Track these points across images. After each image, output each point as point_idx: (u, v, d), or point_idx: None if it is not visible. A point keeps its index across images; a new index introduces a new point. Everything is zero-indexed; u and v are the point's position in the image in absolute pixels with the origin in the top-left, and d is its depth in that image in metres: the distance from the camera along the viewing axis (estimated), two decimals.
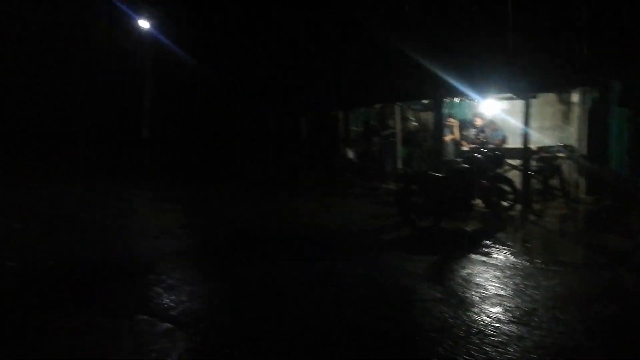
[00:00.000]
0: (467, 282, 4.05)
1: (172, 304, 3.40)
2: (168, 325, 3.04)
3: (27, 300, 3.49)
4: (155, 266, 4.35)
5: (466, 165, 6.60)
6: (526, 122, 7.42)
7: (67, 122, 14.16)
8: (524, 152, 7.47)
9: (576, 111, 8.10)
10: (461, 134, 9.59)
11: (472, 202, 6.58)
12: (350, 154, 10.59)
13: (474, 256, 4.94)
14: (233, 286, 3.95)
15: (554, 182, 7.83)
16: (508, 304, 3.50)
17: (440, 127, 9.23)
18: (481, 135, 8.95)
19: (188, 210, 8.01)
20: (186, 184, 11.23)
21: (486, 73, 7.97)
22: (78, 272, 4.26)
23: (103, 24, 14.07)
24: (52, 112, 14.10)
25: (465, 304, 3.50)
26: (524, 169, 7.42)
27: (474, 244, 5.51)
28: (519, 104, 8.03)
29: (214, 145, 12.99)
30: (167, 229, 6.10)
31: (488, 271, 4.37)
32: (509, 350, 2.74)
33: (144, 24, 12.09)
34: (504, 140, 8.78)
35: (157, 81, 12.50)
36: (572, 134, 8.16)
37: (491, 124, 9.08)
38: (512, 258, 4.88)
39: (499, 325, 3.11)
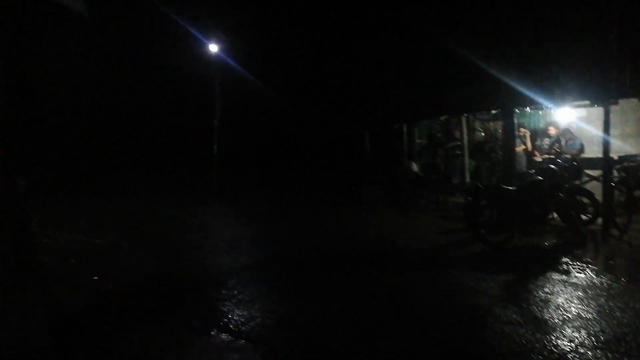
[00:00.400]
0: (546, 302, 3.84)
1: (245, 320, 3.50)
2: (242, 342, 3.13)
3: (108, 314, 3.73)
4: (227, 281, 4.50)
5: (540, 177, 6.29)
6: (606, 129, 6.95)
7: (143, 140, 15.09)
8: (605, 162, 6.99)
9: None
10: (533, 145, 9.17)
11: (548, 216, 6.24)
12: (415, 167, 10.45)
13: (552, 274, 4.67)
14: (305, 302, 4.00)
15: (639, 193, 7.25)
16: (592, 328, 3.28)
17: (510, 137, 8.88)
18: (556, 145, 8.51)
19: (256, 224, 8.23)
20: (254, 198, 11.57)
21: (561, 80, 7.58)
22: (154, 286, 4.50)
23: (176, 46, 14.90)
24: (129, 131, 15.08)
25: (544, 327, 3.32)
26: (605, 179, 6.93)
27: (551, 262, 5.21)
28: (596, 111, 7.57)
29: (280, 161, 13.31)
30: (238, 244, 6.31)
31: (568, 291, 4.12)
32: None
33: (213, 47, 12.69)
34: (581, 150, 8.29)
35: (227, 99, 13.05)
36: None
37: (566, 132, 8.61)
38: (594, 277, 4.57)
39: (583, 350, 2.92)
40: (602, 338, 3.10)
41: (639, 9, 7.05)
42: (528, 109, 9.23)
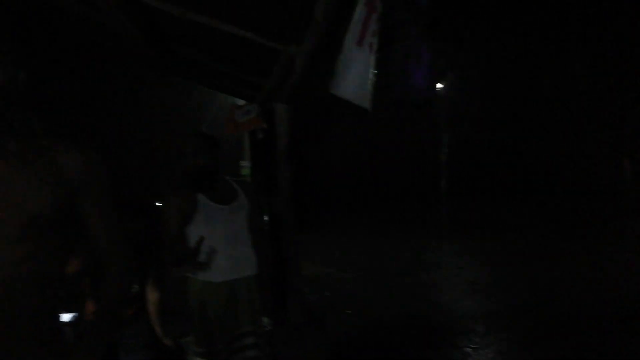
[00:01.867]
0: None
1: None
2: None
3: (366, 350, 3.93)
4: (475, 327, 4.29)
5: None
6: None
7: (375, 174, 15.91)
8: None
9: None
10: None
11: None
12: None
13: None
14: None
15: None
16: None
17: None
18: None
19: (501, 264, 7.73)
20: (488, 235, 10.96)
21: None
22: (400, 324, 4.59)
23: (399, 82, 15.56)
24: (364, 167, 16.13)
25: None
26: None
27: None
28: None
29: (516, 194, 12.38)
30: (480, 286, 6.01)
31: None
32: None
33: (439, 83, 12.82)
34: None
35: (455, 134, 12.92)
36: None
37: None
38: None
39: None
40: None
41: None
42: None
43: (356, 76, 1.59)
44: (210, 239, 2.62)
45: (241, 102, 6.79)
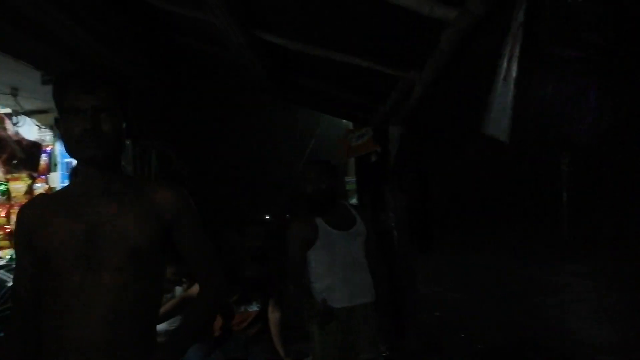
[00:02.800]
0: None
1: None
2: None
3: None
4: None
5: None
6: None
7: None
8: None
9: None
10: None
11: None
12: None
13: None
14: None
15: None
16: None
17: None
18: None
19: (625, 289, 6.92)
20: (618, 254, 9.86)
21: None
22: (520, 353, 4.28)
23: None
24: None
25: None
26: None
27: None
28: None
29: None
30: (613, 313, 5.42)
31: None
32: None
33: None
34: None
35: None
36: None
37: None
38: None
39: None
40: None
41: None
42: None
43: (499, 112, 1.55)
44: (330, 265, 2.68)
45: (344, 122, 6.92)
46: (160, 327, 1.70)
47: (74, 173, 2.03)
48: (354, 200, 6.23)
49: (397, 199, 4.04)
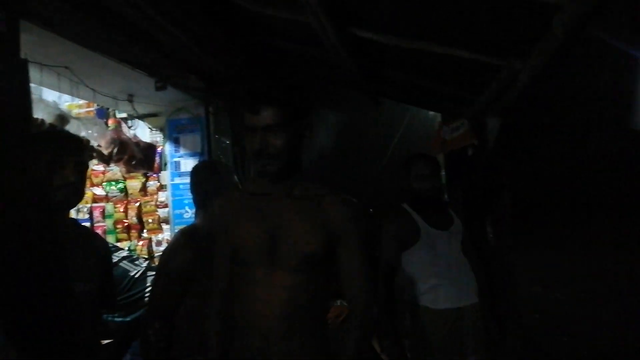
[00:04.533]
0: None
1: None
2: None
3: None
4: None
5: None
6: None
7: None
8: None
9: None
10: None
11: None
12: None
13: None
14: None
15: None
16: None
17: None
18: None
19: None
20: None
21: None
22: None
23: None
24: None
25: None
26: None
27: None
28: None
29: None
30: None
31: None
32: None
33: None
34: None
35: None
36: None
37: None
38: None
39: None
40: None
41: None
42: None
43: None
44: (433, 265, 2.62)
45: (430, 114, 6.70)
46: None
47: (194, 172, 2.18)
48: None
49: (493, 194, 3.85)
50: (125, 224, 4.25)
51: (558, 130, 2.87)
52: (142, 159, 3.62)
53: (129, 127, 4.04)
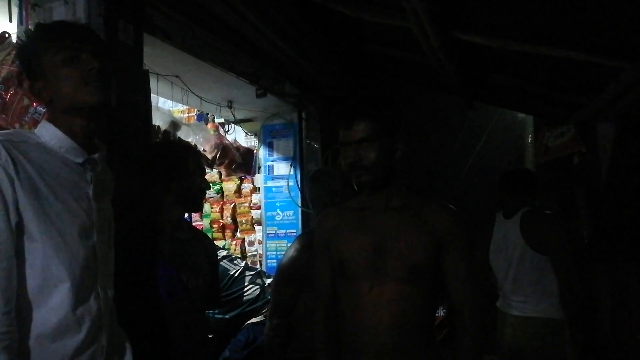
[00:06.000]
0: None
1: None
2: None
3: None
4: None
5: None
6: None
7: None
8: None
9: None
10: None
11: None
12: None
13: None
14: None
15: None
16: None
17: None
18: None
19: None
20: None
21: None
22: None
23: None
24: None
25: None
26: None
27: None
28: None
29: None
30: None
31: None
32: None
33: None
34: None
35: None
36: None
37: None
38: None
39: None
40: None
41: None
42: None
43: None
44: None
45: (519, 118, 6.33)
46: None
47: (313, 178, 2.26)
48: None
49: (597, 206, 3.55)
50: (221, 224, 4.46)
51: None
52: (242, 163, 3.78)
53: (226, 132, 4.24)
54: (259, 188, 4.38)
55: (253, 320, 2.96)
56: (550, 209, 4.48)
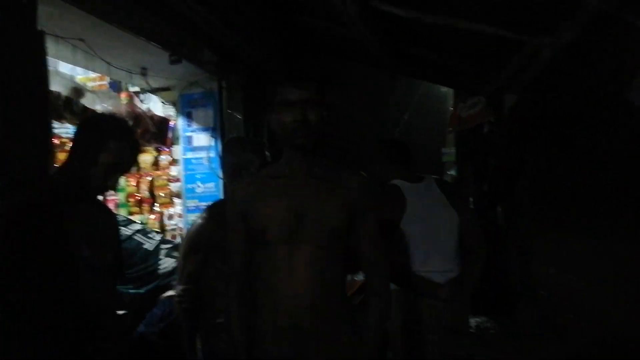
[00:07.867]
0: None
1: None
2: None
3: None
4: None
5: None
6: None
7: None
8: None
9: None
10: None
11: None
12: None
13: None
14: None
15: None
16: None
17: None
18: None
19: None
20: None
21: None
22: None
23: None
24: None
25: None
26: None
27: None
28: None
29: None
30: None
31: None
32: None
33: None
34: None
35: None
36: None
37: None
38: None
39: None
40: None
41: None
42: None
43: None
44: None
45: (442, 91, 6.59)
46: None
47: (225, 147, 2.18)
48: (452, 172, 6.02)
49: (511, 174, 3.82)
50: (138, 198, 4.25)
51: (580, 110, 2.81)
52: (156, 132, 3.60)
53: (141, 101, 4.00)
54: (177, 160, 4.21)
55: (169, 293, 2.87)
56: (467, 176, 4.76)
